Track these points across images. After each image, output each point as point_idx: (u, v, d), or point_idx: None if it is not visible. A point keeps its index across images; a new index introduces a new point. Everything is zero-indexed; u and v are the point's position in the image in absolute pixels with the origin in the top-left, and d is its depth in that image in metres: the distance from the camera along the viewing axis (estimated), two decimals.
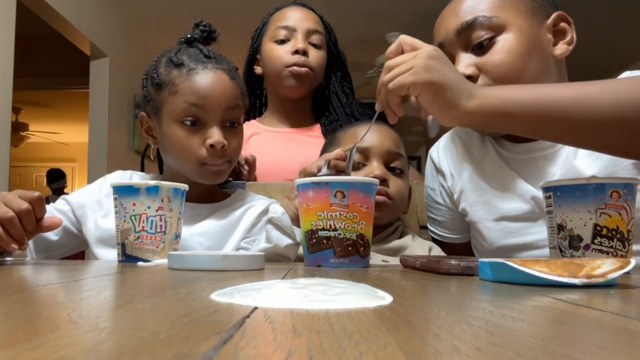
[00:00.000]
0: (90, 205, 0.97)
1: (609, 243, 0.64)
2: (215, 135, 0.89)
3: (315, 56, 1.26)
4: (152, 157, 1.05)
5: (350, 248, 0.68)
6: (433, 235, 1.06)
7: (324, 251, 0.69)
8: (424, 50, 0.72)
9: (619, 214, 0.64)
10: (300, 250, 0.91)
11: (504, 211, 0.88)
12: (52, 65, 4.33)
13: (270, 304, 0.31)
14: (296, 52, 1.24)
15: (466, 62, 0.83)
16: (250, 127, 1.33)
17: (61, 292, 0.40)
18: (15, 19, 2.46)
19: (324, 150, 1.04)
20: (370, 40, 4.05)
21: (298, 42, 1.25)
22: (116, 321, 0.27)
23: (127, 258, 0.75)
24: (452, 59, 0.84)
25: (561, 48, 0.85)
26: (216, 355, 0.18)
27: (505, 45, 0.81)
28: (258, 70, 1.34)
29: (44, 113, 6.27)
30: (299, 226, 0.77)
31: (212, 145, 0.88)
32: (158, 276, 0.54)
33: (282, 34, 1.26)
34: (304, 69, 1.24)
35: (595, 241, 0.64)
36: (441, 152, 1.01)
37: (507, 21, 0.82)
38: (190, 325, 0.25)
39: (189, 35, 0.97)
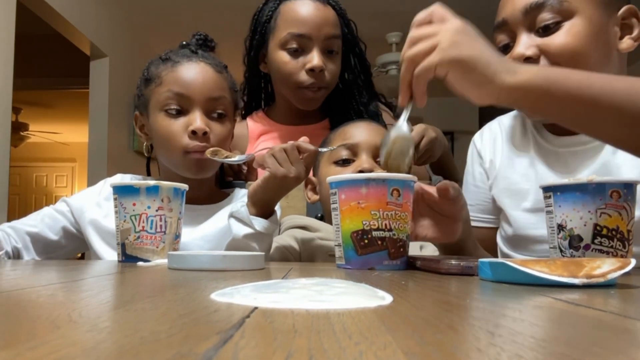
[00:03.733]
0: (90, 207, 0.98)
1: (609, 243, 0.64)
2: (196, 121, 0.90)
3: (331, 69, 1.14)
4: (145, 154, 1.06)
5: (402, 249, 0.65)
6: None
7: (378, 252, 0.64)
8: (451, 24, 0.66)
9: (619, 214, 0.64)
10: (294, 244, 0.90)
11: (525, 202, 0.89)
12: (52, 65, 4.32)
13: (270, 304, 0.31)
14: (312, 70, 1.10)
15: (528, 42, 0.82)
16: (258, 123, 1.25)
17: (61, 292, 0.40)
18: (15, 19, 2.46)
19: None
20: (370, 40, 4.04)
21: (314, 57, 1.10)
22: (116, 321, 0.27)
23: (127, 258, 0.75)
24: (514, 37, 0.83)
25: (627, 42, 0.83)
26: (216, 355, 0.18)
27: (571, 30, 0.80)
28: (263, 68, 1.21)
29: (44, 113, 6.27)
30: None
31: (194, 132, 0.89)
32: (158, 276, 0.54)
33: (296, 43, 1.11)
34: (318, 93, 1.13)
35: (595, 241, 0.64)
36: (485, 137, 1.01)
37: (578, 7, 0.80)
38: (190, 325, 0.25)
39: (184, 42, 1.01)
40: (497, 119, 1.02)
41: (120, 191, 0.76)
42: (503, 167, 0.95)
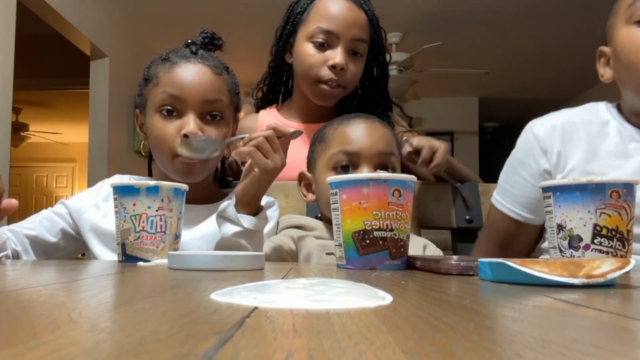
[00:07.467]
0: (88, 208, 0.97)
1: (609, 243, 0.64)
2: (189, 124, 0.89)
3: (352, 70, 1.14)
4: (143, 152, 1.06)
5: (402, 249, 0.66)
6: (502, 208, 1.00)
7: (380, 252, 0.64)
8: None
9: (619, 214, 0.64)
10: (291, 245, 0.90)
11: None
12: (52, 65, 4.32)
13: (270, 304, 0.31)
14: (333, 66, 1.11)
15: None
16: (268, 119, 1.24)
17: (61, 292, 0.40)
18: (15, 20, 2.46)
19: (312, 146, 0.98)
20: None
21: (337, 54, 1.11)
22: (116, 321, 0.27)
23: (127, 258, 0.75)
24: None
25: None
26: (216, 355, 0.18)
27: None
28: (288, 58, 1.22)
29: (44, 113, 6.27)
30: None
31: (185, 136, 0.89)
32: (158, 276, 0.54)
33: (323, 37, 1.12)
34: (336, 90, 1.14)
35: (595, 241, 0.64)
36: (555, 131, 0.94)
37: None
38: (190, 325, 0.25)
39: (189, 41, 0.99)
40: (565, 112, 0.97)
41: (121, 191, 0.76)
42: (577, 161, 0.90)
